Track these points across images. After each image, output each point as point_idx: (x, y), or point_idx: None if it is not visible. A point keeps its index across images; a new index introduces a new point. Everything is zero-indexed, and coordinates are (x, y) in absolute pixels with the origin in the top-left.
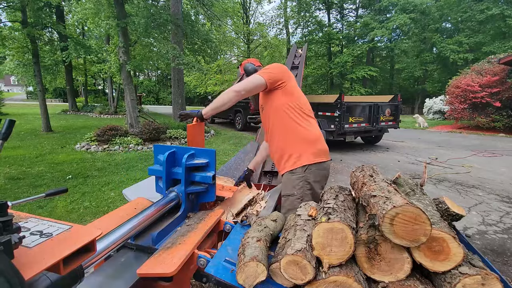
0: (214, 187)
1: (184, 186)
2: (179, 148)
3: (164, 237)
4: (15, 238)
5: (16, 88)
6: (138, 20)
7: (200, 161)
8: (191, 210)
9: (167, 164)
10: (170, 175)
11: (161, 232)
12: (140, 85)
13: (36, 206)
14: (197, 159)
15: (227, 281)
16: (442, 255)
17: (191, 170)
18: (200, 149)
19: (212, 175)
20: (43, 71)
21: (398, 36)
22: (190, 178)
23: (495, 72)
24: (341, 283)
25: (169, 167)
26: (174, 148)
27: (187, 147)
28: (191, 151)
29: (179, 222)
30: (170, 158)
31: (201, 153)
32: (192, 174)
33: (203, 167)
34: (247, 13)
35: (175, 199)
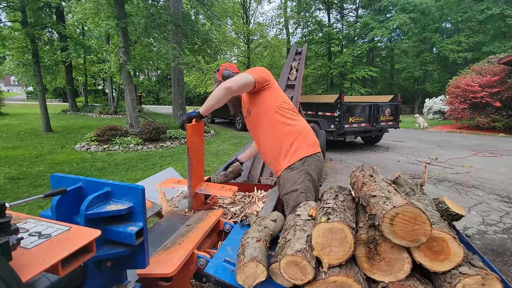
0: (144, 249)
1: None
2: (88, 183)
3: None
4: (13, 240)
5: (16, 88)
6: (138, 20)
7: (116, 208)
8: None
9: (60, 212)
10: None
11: None
12: (140, 85)
13: (36, 207)
14: (113, 202)
15: (227, 281)
16: (442, 255)
17: (101, 222)
18: (120, 185)
19: (135, 231)
20: (43, 71)
21: (398, 36)
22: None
23: (495, 72)
24: (341, 283)
25: (66, 216)
26: (80, 182)
27: (100, 181)
28: (105, 189)
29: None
30: (65, 201)
31: (120, 192)
32: (104, 229)
33: (123, 216)
34: (247, 13)
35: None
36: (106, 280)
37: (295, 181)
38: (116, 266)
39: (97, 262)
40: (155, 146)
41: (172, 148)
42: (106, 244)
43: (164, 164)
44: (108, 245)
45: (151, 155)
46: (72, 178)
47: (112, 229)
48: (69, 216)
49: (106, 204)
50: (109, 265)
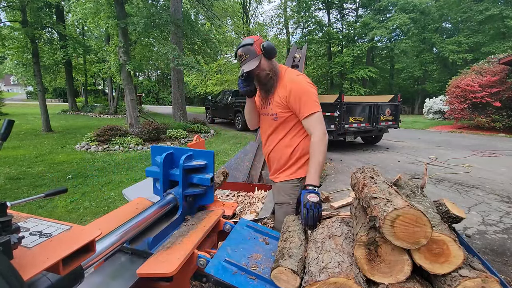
0: (212, 190)
1: (182, 188)
2: (177, 149)
3: (160, 242)
4: (14, 239)
5: (16, 88)
6: (138, 20)
7: (198, 163)
8: (188, 213)
9: (165, 166)
10: (168, 176)
11: (157, 236)
12: (140, 85)
13: (36, 206)
14: (195, 160)
15: (227, 281)
16: (442, 257)
17: (188, 172)
18: (198, 150)
19: (210, 177)
20: (43, 71)
21: (398, 36)
22: (187, 180)
23: (495, 72)
24: (341, 284)
25: (167, 168)
26: (172, 149)
27: (185, 148)
28: (189, 153)
29: (176, 225)
30: (167, 159)
31: (199, 155)
32: (190, 176)
33: (201, 169)
34: (247, 13)
35: (172, 201)
36: (187, 210)
37: (289, 195)
38: (193, 201)
39: (185, 197)
40: None
41: None
42: (190, 186)
43: None
44: (192, 187)
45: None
46: (167, 147)
47: (196, 176)
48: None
49: (192, 161)
50: (191, 200)
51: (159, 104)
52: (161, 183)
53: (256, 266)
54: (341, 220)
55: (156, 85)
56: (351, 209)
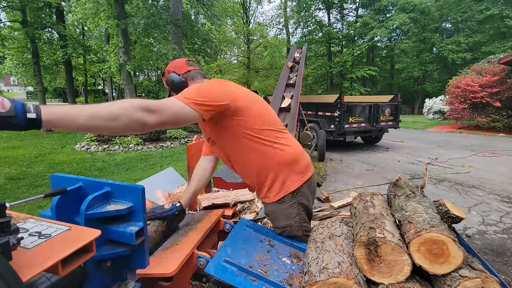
0: (144, 249)
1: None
2: (88, 182)
3: None
4: (13, 240)
5: (16, 88)
6: (138, 20)
7: (116, 207)
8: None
9: (61, 212)
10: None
11: None
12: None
13: (36, 207)
14: (113, 202)
15: (227, 281)
16: (442, 257)
17: (102, 223)
18: (120, 185)
19: (136, 231)
20: (43, 71)
21: (398, 36)
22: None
23: (495, 72)
24: (341, 284)
25: (66, 215)
26: (80, 182)
27: (100, 181)
28: (105, 189)
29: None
30: (64, 202)
31: (120, 192)
32: (104, 229)
33: (123, 216)
34: (247, 13)
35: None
36: (106, 279)
37: (288, 216)
38: (116, 266)
39: (97, 262)
40: (155, 146)
41: (172, 148)
42: (106, 244)
43: (164, 164)
44: (108, 245)
45: (151, 155)
46: (72, 178)
47: (112, 229)
48: (69, 216)
49: (106, 204)
50: (109, 265)
51: None
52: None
53: (266, 271)
54: (341, 220)
55: (156, 85)
56: (351, 209)
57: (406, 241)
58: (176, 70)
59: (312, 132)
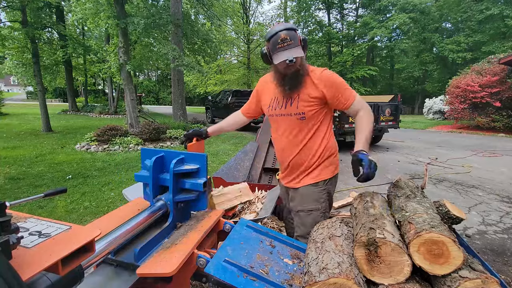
0: (205, 195)
1: (173, 194)
2: (168, 152)
3: (148, 252)
4: (13, 239)
5: (16, 88)
6: (138, 20)
7: (190, 167)
8: (180, 219)
9: (154, 170)
10: (158, 181)
11: (145, 247)
12: (140, 85)
13: (36, 206)
14: (186, 164)
15: (227, 281)
16: (442, 258)
17: (180, 177)
18: (190, 153)
19: (203, 182)
20: (43, 71)
21: (398, 36)
22: (179, 185)
23: (495, 72)
24: (341, 285)
25: (157, 173)
26: (162, 152)
27: (176, 152)
28: (181, 156)
29: (167, 233)
30: (157, 163)
31: (191, 158)
32: (181, 181)
33: (193, 173)
34: (247, 13)
35: (162, 208)
36: (179, 216)
37: (317, 200)
38: (185, 207)
39: (176, 203)
40: (155, 146)
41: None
42: (182, 192)
43: None
44: (183, 192)
45: None
46: (157, 150)
47: (188, 181)
48: (160, 171)
49: (183, 165)
50: (182, 206)
51: (159, 104)
52: (150, 188)
53: (266, 272)
54: (341, 220)
55: (156, 85)
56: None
57: (406, 242)
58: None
59: None
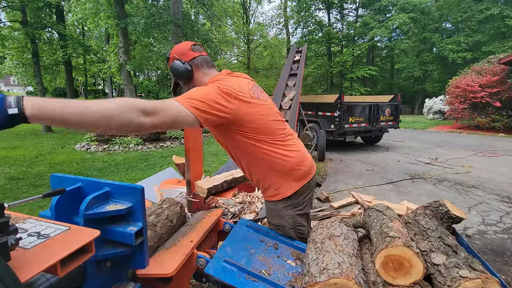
0: (144, 249)
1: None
2: (87, 183)
3: None
4: (11, 240)
5: (16, 88)
6: (138, 20)
7: (116, 208)
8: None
9: (60, 212)
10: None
11: None
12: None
13: (36, 207)
14: (113, 202)
15: (227, 281)
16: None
17: (101, 222)
18: (119, 185)
19: (135, 231)
20: (43, 71)
21: (398, 36)
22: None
23: (495, 72)
24: (341, 285)
25: (66, 216)
26: (79, 182)
27: (99, 181)
28: (104, 189)
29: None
30: (66, 201)
31: (120, 192)
32: (105, 229)
33: (122, 216)
34: (247, 13)
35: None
36: (105, 280)
37: (282, 217)
38: (116, 266)
39: (96, 262)
40: (155, 146)
41: (172, 148)
42: (105, 244)
43: (164, 164)
44: (107, 245)
45: (151, 155)
46: (72, 178)
47: (112, 229)
48: (68, 216)
49: (106, 204)
50: (109, 265)
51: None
52: None
53: (268, 273)
54: (341, 220)
55: (156, 85)
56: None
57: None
58: (180, 56)
59: (312, 132)
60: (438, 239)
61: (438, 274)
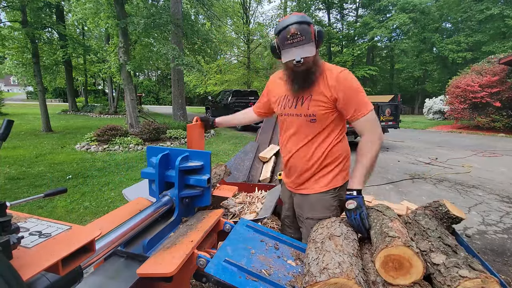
0: (209, 191)
1: (178, 189)
2: (173, 150)
3: (156, 244)
4: (13, 239)
5: (16, 88)
6: (138, 20)
7: (194, 164)
8: (185, 214)
9: (160, 167)
10: (163, 178)
11: (153, 239)
12: (140, 85)
13: (36, 206)
14: (191, 161)
15: (227, 281)
16: None
17: (185, 173)
18: (194, 151)
19: (207, 178)
20: (43, 71)
21: (398, 36)
22: (184, 181)
23: (495, 72)
24: (342, 285)
25: (162, 169)
26: (167, 150)
27: (181, 149)
28: (185, 153)
29: (173, 227)
30: (163, 160)
31: (195, 155)
32: (186, 177)
33: (197, 169)
34: (247, 13)
35: (168, 203)
36: (184, 211)
37: (328, 208)
38: (190, 203)
39: (181, 199)
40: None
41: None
42: (187, 188)
43: None
44: (188, 188)
45: None
46: (162, 148)
47: (193, 177)
48: (166, 168)
49: (188, 162)
50: (188, 201)
51: (159, 104)
52: (156, 184)
53: (268, 273)
54: (341, 220)
55: (156, 85)
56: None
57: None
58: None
59: None
60: (438, 239)
61: (438, 274)
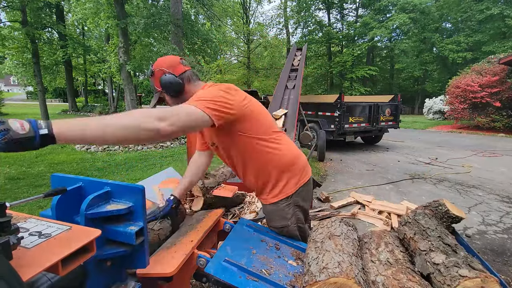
0: (144, 249)
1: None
2: (88, 182)
3: None
4: (13, 239)
5: (16, 88)
6: (138, 20)
7: (116, 207)
8: (111, 281)
9: (60, 212)
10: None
11: None
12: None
13: (36, 206)
14: (114, 202)
15: (227, 281)
16: None
17: (102, 222)
18: (119, 184)
19: (135, 231)
20: (43, 71)
21: (398, 36)
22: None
23: (495, 72)
24: (341, 284)
25: (66, 215)
26: (80, 182)
27: (101, 181)
28: (105, 189)
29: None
30: (64, 202)
31: (120, 192)
32: (105, 228)
33: (123, 216)
34: (247, 13)
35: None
36: (106, 279)
37: (284, 217)
38: (116, 266)
39: (97, 262)
40: (155, 146)
41: (172, 148)
42: (106, 244)
43: (164, 164)
44: (108, 245)
45: (151, 155)
46: (73, 178)
47: (113, 229)
48: (69, 215)
49: (106, 203)
50: (109, 265)
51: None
52: None
53: (268, 272)
54: (341, 220)
55: None
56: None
57: None
58: (171, 70)
59: (312, 132)
60: (437, 238)
61: (438, 273)
